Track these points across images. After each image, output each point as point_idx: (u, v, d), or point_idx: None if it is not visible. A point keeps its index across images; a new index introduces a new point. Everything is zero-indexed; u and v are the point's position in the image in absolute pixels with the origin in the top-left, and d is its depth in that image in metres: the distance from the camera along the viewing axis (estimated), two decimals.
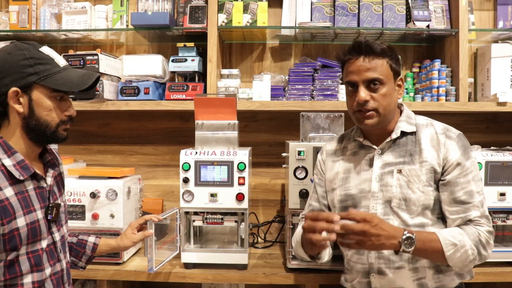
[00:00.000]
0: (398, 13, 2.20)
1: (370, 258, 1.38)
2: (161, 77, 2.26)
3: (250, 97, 2.24)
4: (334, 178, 1.49)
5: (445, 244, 1.24)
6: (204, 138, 1.90)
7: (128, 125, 2.51)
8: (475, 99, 2.33)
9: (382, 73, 1.33)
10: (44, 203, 1.20)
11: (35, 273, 1.15)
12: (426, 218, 1.34)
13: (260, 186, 2.48)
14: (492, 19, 2.44)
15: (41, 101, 1.16)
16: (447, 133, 1.37)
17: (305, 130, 1.89)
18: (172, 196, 2.50)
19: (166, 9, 2.31)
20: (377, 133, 1.42)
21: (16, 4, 2.28)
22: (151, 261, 1.60)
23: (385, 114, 1.35)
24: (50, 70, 1.15)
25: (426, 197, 1.34)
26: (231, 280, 1.85)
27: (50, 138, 1.20)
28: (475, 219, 1.30)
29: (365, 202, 1.39)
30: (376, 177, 1.39)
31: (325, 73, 2.21)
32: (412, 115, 1.44)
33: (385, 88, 1.34)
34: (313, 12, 2.24)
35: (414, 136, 1.39)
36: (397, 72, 1.39)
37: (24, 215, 1.12)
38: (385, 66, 1.34)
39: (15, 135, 1.17)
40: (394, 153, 1.39)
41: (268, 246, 2.24)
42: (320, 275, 1.81)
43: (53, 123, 1.18)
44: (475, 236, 1.27)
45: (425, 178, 1.34)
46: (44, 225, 1.18)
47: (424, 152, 1.36)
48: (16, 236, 1.10)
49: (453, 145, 1.34)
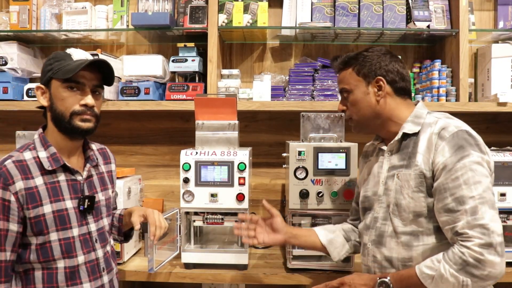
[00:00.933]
0: (398, 13, 2.20)
1: (369, 260, 1.40)
2: (162, 77, 2.26)
3: (250, 97, 2.24)
4: (362, 179, 1.53)
5: (423, 278, 1.18)
6: (204, 138, 1.90)
7: (129, 125, 2.51)
8: (476, 99, 2.33)
9: (347, 82, 1.39)
10: (75, 194, 1.31)
11: (67, 259, 1.27)
12: (420, 226, 1.27)
13: (261, 186, 2.47)
14: (492, 19, 2.44)
15: (56, 93, 1.27)
16: (441, 133, 1.25)
17: (306, 130, 1.89)
18: (173, 196, 2.50)
19: (167, 9, 2.31)
20: (384, 136, 1.43)
21: (17, 4, 2.28)
22: (152, 261, 1.60)
23: (359, 120, 1.39)
24: (62, 64, 1.26)
25: (416, 203, 1.26)
26: (231, 281, 1.84)
27: (69, 128, 1.28)
28: (462, 232, 1.14)
29: (375, 205, 1.41)
30: (383, 180, 1.38)
31: (325, 73, 2.21)
32: (423, 114, 1.34)
33: (352, 96, 1.39)
34: (314, 12, 2.24)
35: (416, 137, 1.32)
36: (369, 75, 1.35)
37: (51, 202, 1.25)
38: (349, 74, 1.39)
39: (50, 129, 1.32)
40: (398, 156, 1.35)
41: (269, 247, 2.23)
42: (320, 275, 1.80)
43: (66, 112, 1.26)
44: (457, 259, 1.13)
45: (414, 183, 1.27)
46: (75, 214, 1.30)
47: (418, 156, 1.28)
48: (42, 221, 1.23)
49: (442, 146, 1.22)
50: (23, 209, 1.21)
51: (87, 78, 1.28)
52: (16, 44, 2.27)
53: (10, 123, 2.53)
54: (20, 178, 1.22)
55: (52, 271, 1.25)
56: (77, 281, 1.28)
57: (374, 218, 1.39)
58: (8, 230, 1.20)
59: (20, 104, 2.24)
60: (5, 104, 2.23)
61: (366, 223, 1.43)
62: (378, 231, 1.36)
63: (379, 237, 1.36)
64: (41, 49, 2.52)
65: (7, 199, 1.19)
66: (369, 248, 1.40)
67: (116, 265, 1.51)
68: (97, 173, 1.43)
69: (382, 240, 1.34)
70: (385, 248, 1.33)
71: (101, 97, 1.37)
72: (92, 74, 1.30)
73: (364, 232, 1.44)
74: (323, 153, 1.81)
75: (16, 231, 1.21)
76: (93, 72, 1.30)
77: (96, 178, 1.42)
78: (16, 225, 1.21)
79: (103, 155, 1.52)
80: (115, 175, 1.58)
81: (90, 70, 1.28)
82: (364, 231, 1.44)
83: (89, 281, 1.31)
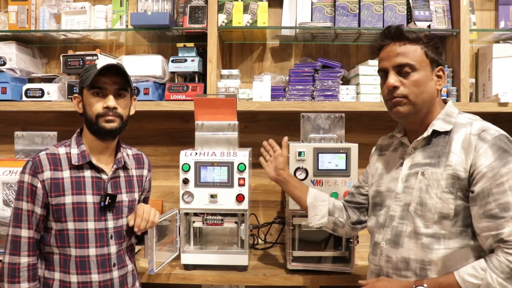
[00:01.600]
0: (399, 13, 2.19)
1: (381, 260, 1.34)
2: (161, 78, 2.25)
3: (250, 98, 2.23)
4: (374, 173, 1.47)
5: (466, 286, 1.12)
6: (204, 139, 1.89)
7: (128, 125, 2.47)
8: (477, 100, 2.32)
9: (414, 58, 1.25)
10: (98, 191, 1.43)
11: (78, 249, 1.38)
12: (444, 229, 1.21)
13: (260, 187, 2.46)
14: (493, 19, 2.44)
15: (86, 100, 1.43)
16: (481, 134, 1.19)
17: (306, 131, 1.88)
18: (172, 197, 2.49)
19: (166, 9, 2.30)
20: (413, 129, 1.35)
21: (15, 4, 2.27)
22: (152, 262, 1.59)
23: (417, 102, 1.25)
24: (89, 74, 1.39)
25: (444, 205, 1.21)
26: (231, 282, 1.83)
27: (97, 129, 1.42)
28: (508, 239, 1.10)
29: (388, 202, 1.35)
30: (403, 177, 1.33)
31: (325, 73, 2.20)
32: (454, 113, 1.30)
33: (417, 75, 1.25)
34: (314, 12, 2.23)
35: (448, 136, 1.26)
36: (435, 61, 1.29)
37: (73, 194, 1.39)
38: (418, 52, 1.26)
39: (84, 131, 1.48)
40: (424, 154, 1.29)
41: (269, 248, 2.23)
42: (320, 277, 1.80)
43: (93, 115, 1.41)
44: (504, 267, 1.09)
45: (444, 183, 1.21)
46: (93, 209, 1.41)
47: (452, 155, 1.22)
48: (62, 210, 1.37)
49: (485, 148, 1.17)
50: (47, 196, 1.37)
51: (108, 83, 1.41)
52: (14, 44, 2.27)
53: (8, 124, 2.52)
54: (49, 168, 1.38)
55: (66, 258, 1.39)
56: (86, 271, 1.39)
57: (390, 217, 1.33)
58: (34, 212, 1.37)
59: (18, 105, 2.23)
60: (4, 104, 2.22)
61: (380, 221, 1.37)
62: (394, 231, 1.31)
63: (395, 236, 1.30)
64: (40, 49, 2.51)
65: (34, 185, 1.37)
66: (382, 247, 1.34)
67: (133, 263, 1.55)
68: (125, 175, 1.52)
69: (399, 240, 1.29)
70: (403, 249, 1.28)
71: (126, 99, 1.48)
72: (113, 79, 1.42)
73: (376, 231, 1.39)
74: (323, 153, 1.80)
75: (40, 214, 1.38)
76: (113, 77, 1.42)
77: (123, 180, 1.51)
78: (40, 209, 1.37)
79: (137, 160, 1.61)
80: (147, 180, 1.63)
81: (110, 76, 1.41)
82: (377, 229, 1.38)
83: (98, 273, 1.40)
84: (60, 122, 2.46)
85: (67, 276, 1.38)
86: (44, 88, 2.25)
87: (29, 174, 1.38)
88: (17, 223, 1.37)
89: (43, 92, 2.24)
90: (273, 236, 2.35)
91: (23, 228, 1.36)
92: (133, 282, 1.53)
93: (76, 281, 1.38)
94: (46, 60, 2.54)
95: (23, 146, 1.97)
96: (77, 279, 1.38)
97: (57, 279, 1.39)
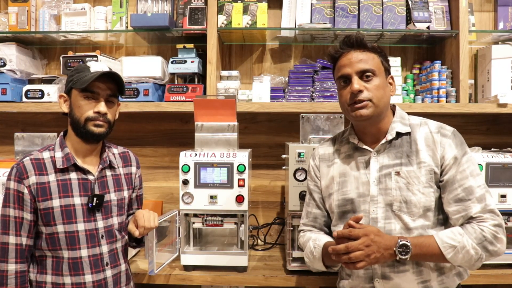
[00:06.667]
0: (398, 14, 2.19)
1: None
2: (161, 79, 2.25)
3: (249, 99, 2.24)
4: (331, 183, 1.46)
5: (444, 247, 1.23)
6: (203, 140, 1.89)
7: (128, 126, 2.50)
8: (476, 101, 2.33)
9: (374, 65, 1.34)
10: (85, 192, 1.42)
11: (70, 251, 1.39)
12: (428, 220, 1.32)
13: (260, 188, 2.47)
14: (492, 20, 2.44)
15: (75, 101, 1.42)
16: (441, 131, 1.35)
17: (305, 132, 1.89)
18: (172, 198, 2.49)
19: (166, 10, 2.31)
20: (372, 133, 1.40)
21: (15, 6, 2.27)
22: (152, 263, 1.60)
23: (379, 105, 1.33)
24: (81, 75, 1.39)
25: (427, 198, 1.31)
26: (231, 283, 1.84)
27: (84, 132, 1.41)
28: (477, 216, 1.26)
29: (364, 207, 1.37)
30: (374, 180, 1.36)
31: (325, 74, 2.20)
32: (406, 116, 1.43)
33: (378, 80, 1.34)
34: (313, 14, 2.23)
35: (409, 136, 1.37)
36: (388, 70, 1.40)
37: (60, 198, 1.38)
38: (376, 59, 1.36)
39: (69, 132, 1.47)
40: (390, 155, 1.37)
41: (268, 248, 2.23)
42: (320, 277, 1.80)
43: (82, 118, 1.41)
44: (478, 234, 1.24)
45: (424, 179, 1.32)
46: (81, 210, 1.40)
47: (421, 153, 1.34)
48: (50, 214, 1.37)
49: (449, 143, 1.33)
50: (35, 200, 1.37)
51: (101, 88, 1.42)
52: (15, 46, 2.27)
53: (8, 125, 2.52)
54: (34, 173, 1.38)
55: (59, 260, 1.39)
56: (79, 272, 1.39)
57: (373, 219, 1.35)
58: (23, 218, 1.37)
59: (18, 106, 2.24)
60: (4, 105, 2.23)
61: None
62: (383, 231, 1.31)
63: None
64: (40, 50, 2.52)
65: (21, 191, 1.37)
66: None
67: (126, 263, 1.55)
68: (112, 174, 1.52)
69: None
70: None
71: (115, 106, 1.49)
72: (106, 85, 1.43)
73: None
74: None
75: (30, 219, 1.38)
76: (107, 83, 1.43)
77: (111, 179, 1.51)
78: (29, 215, 1.37)
79: (124, 158, 1.61)
80: (137, 178, 1.63)
81: (104, 81, 1.42)
82: None
83: (91, 273, 1.41)
84: (60, 123, 2.46)
85: (60, 278, 1.38)
86: (44, 89, 2.25)
87: (14, 180, 1.37)
88: (5, 230, 1.36)
89: (43, 93, 2.25)
90: (273, 237, 2.35)
91: (11, 235, 1.36)
92: (127, 281, 1.52)
93: (70, 283, 1.38)
94: (46, 61, 2.54)
95: (23, 147, 1.97)
96: (71, 281, 1.38)
97: (49, 282, 1.39)
